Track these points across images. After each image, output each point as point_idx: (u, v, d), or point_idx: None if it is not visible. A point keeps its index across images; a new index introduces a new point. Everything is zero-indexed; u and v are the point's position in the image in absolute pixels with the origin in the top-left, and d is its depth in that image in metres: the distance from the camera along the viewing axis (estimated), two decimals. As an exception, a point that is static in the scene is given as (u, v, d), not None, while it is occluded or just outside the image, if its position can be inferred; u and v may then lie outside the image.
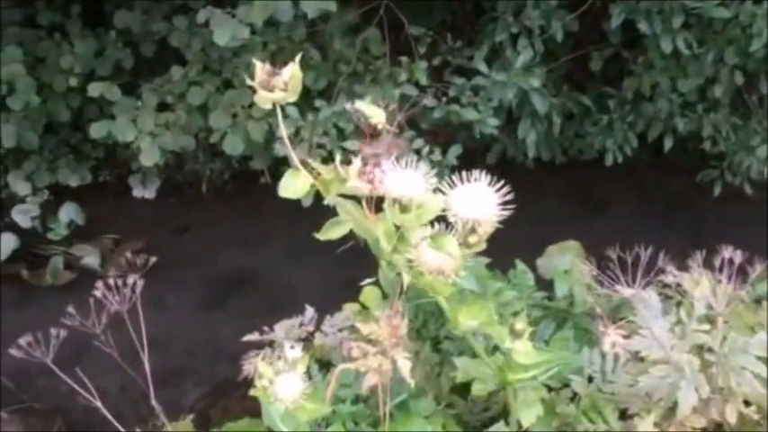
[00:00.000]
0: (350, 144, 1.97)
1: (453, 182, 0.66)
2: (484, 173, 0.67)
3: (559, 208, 2.59)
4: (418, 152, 2.02)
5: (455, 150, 2.09)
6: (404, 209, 0.70)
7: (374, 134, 0.85)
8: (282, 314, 1.41)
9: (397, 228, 0.73)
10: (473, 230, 0.67)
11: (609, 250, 1.03)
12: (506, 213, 0.67)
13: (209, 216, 2.66)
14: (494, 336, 0.77)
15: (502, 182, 0.67)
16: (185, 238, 2.56)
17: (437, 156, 2.05)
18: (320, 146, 2.00)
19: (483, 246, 0.69)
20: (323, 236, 0.83)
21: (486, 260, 1.24)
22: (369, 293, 1.35)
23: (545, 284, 1.51)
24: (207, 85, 2.33)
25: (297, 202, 1.89)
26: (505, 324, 0.99)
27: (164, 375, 1.92)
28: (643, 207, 2.57)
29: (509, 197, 0.66)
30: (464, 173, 0.67)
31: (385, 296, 1.37)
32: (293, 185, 0.78)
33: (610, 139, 2.50)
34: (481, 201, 0.66)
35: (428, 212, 0.69)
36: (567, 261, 1.59)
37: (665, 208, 2.56)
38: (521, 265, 1.51)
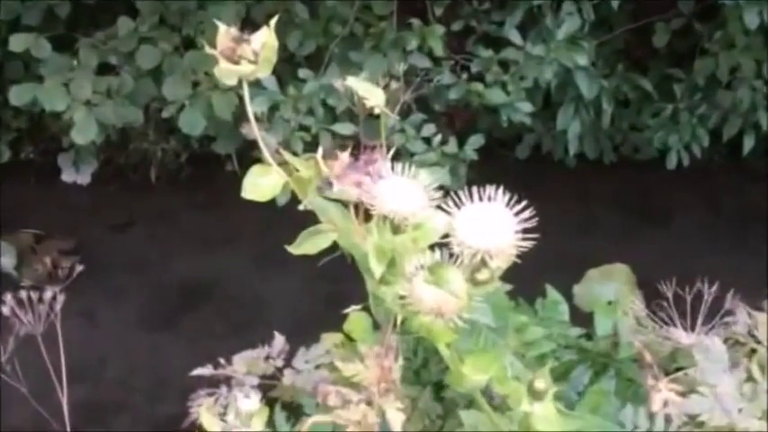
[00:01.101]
0: (341, 127, 1.97)
1: (460, 199, 0.66)
2: (501, 190, 0.66)
3: (606, 220, 2.59)
4: (428, 141, 2.02)
5: (475, 141, 2.08)
6: (396, 229, 0.69)
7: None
8: (245, 340, 1.41)
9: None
10: (483, 264, 0.67)
11: (666, 278, 1.02)
12: (527, 244, 0.66)
13: (158, 210, 2.66)
14: (508, 395, 0.76)
15: (524, 203, 0.66)
16: (127, 238, 2.56)
17: (452, 147, 2.05)
18: (304, 128, 1.99)
19: (495, 284, 0.68)
20: (297, 249, 0.82)
21: (507, 287, 1.23)
22: (355, 322, 1.34)
23: (582, 319, 1.51)
24: (162, 43, 2.32)
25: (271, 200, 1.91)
26: (529, 368, 0.98)
27: (89, 412, 1.92)
28: (712, 222, 2.56)
29: (532, 222, 0.65)
30: (474, 190, 0.66)
31: (376, 326, 1.38)
32: (261, 185, 0.78)
33: (674, 135, 2.48)
34: (496, 226, 0.65)
35: (427, 236, 0.68)
36: (611, 290, 1.59)
37: (740, 224, 2.55)
38: (552, 293, 1.51)
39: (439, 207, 0.68)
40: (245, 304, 2.31)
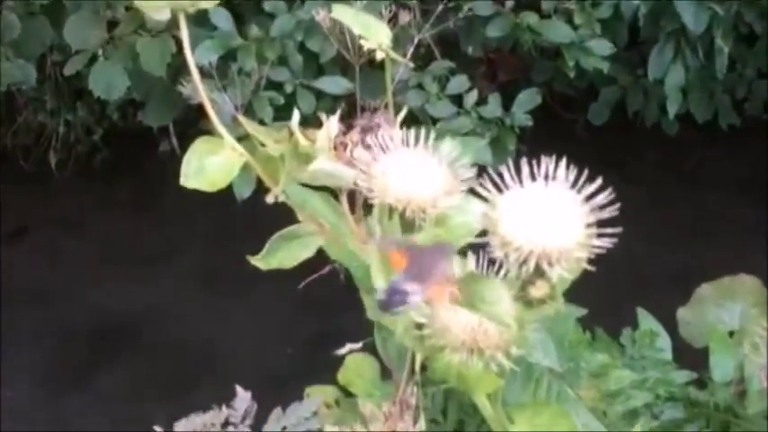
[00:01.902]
0: (328, 83, 1.98)
1: (503, 179, 0.65)
2: (564, 160, 0.66)
3: (725, 212, 2.59)
4: (458, 101, 2.02)
5: (528, 100, 2.08)
6: (408, 225, 0.70)
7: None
8: (192, 400, 1.41)
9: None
10: (539, 274, 0.66)
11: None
12: (606, 244, 0.66)
13: (61, 212, 2.68)
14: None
15: (598, 182, 0.66)
16: (15, 253, 2.57)
17: (493, 109, 2.05)
18: (274, 85, 2.00)
19: (559, 305, 0.68)
20: (265, 262, 0.83)
21: (578, 310, 1.24)
22: (355, 368, 1.36)
23: (692, 358, 1.51)
24: (62, -35, 2.33)
25: (227, 190, 1.93)
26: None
27: None
28: None
29: (613, 211, 0.65)
30: (524, 164, 0.66)
31: (385, 374, 1.39)
32: (209, 168, 0.79)
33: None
34: (557, 217, 0.65)
35: (455, 234, 0.69)
36: (735, 314, 1.59)
37: None
38: (647, 321, 1.52)
39: (473, 192, 0.68)
40: (191, 347, 2.32)
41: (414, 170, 0.69)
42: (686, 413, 1.31)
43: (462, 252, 0.71)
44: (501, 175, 0.65)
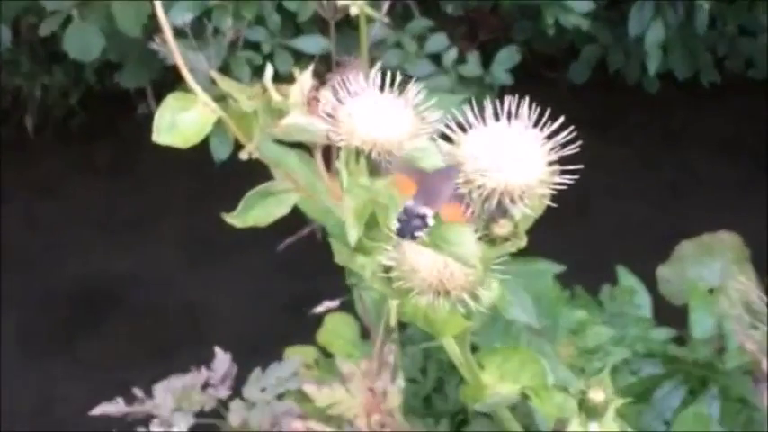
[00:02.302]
0: (307, 43, 1.97)
1: (467, 120, 0.66)
2: (526, 100, 0.67)
3: (705, 171, 2.61)
4: (437, 60, 2.02)
5: (508, 58, 2.08)
6: (375, 169, 0.70)
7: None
8: (172, 362, 1.43)
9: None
10: (503, 211, 0.68)
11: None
12: (567, 180, 0.67)
13: (39, 177, 2.67)
14: (549, 413, 0.78)
15: (559, 122, 0.67)
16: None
17: (472, 68, 2.05)
18: (251, 45, 1.99)
19: (522, 242, 0.69)
20: (240, 219, 0.84)
21: (557, 267, 1.25)
22: (334, 328, 1.37)
23: (671, 315, 1.53)
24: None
25: (205, 153, 1.92)
26: (585, 384, 0.99)
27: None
28: None
29: (575, 146, 0.66)
30: (487, 106, 0.67)
31: (364, 334, 1.40)
32: (182, 123, 0.79)
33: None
34: (518, 154, 0.66)
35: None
36: (715, 271, 1.60)
37: None
38: (626, 278, 1.54)
39: (442, 136, 0.69)
40: (172, 311, 2.33)
41: (379, 113, 0.70)
42: (664, 369, 1.32)
43: None
44: (465, 117, 0.67)
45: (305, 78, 0.78)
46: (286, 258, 1.98)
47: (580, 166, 0.66)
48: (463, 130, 0.66)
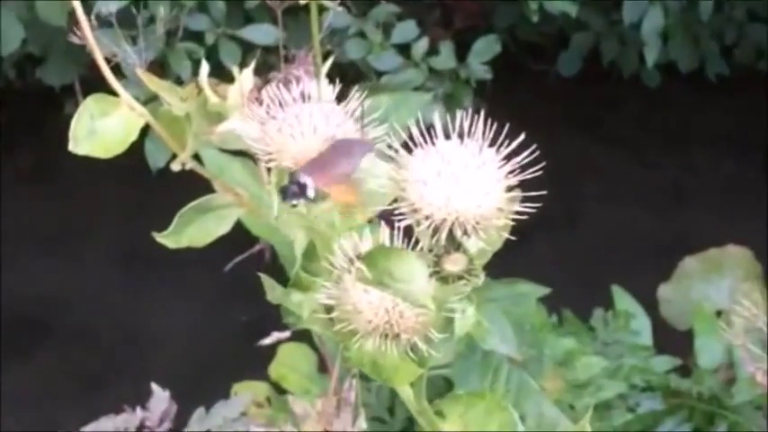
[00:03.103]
0: (255, 32, 1.96)
1: (412, 138, 0.65)
2: (481, 112, 0.66)
3: (714, 172, 2.61)
4: (405, 51, 2.01)
5: (487, 49, 2.08)
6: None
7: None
8: (102, 400, 1.41)
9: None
10: (455, 245, 0.66)
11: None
12: (530, 209, 0.66)
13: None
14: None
15: (520, 138, 0.66)
16: None
17: (446, 59, 2.04)
18: (192, 35, 1.98)
19: (478, 279, 0.68)
20: (173, 240, 0.83)
21: (541, 289, 1.24)
22: (287, 360, 1.36)
23: (674, 341, 1.52)
24: None
25: (142, 157, 1.90)
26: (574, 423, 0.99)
27: None
28: None
29: (538, 168, 0.65)
30: (436, 121, 0.66)
31: (322, 365, 1.39)
32: (101, 129, 0.77)
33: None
34: (471, 178, 0.64)
35: (363, 203, 0.68)
36: (723, 291, 1.60)
37: None
38: (623, 299, 1.53)
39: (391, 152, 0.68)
40: (106, 338, 2.31)
41: (314, 127, 0.69)
42: (666, 404, 1.32)
43: (373, 223, 0.71)
44: (411, 134, 0.65)
45: (245, 76, 0.77)
46: (237, 277, 1.96)
47: (543, 192, 0.64)
48: (408, 148, 0.65)
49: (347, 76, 2.10)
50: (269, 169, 0.82)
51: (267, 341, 1.10)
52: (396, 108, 1.00)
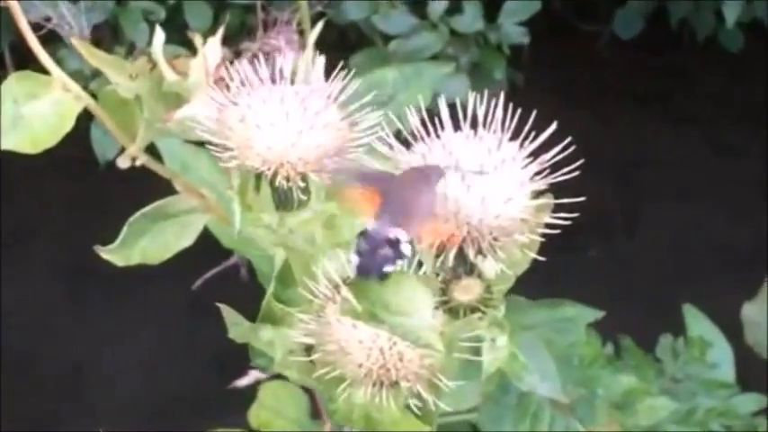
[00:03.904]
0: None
1: (412, 126, 0.64)
2: (491, 100, 0.64)
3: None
4: (420, 9, 2.00)
5: (523, 6, 2.06)
6: (284, 199, 0.69)
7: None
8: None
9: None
10: (467, 267, 0.65)
11: None
12: (564, 222, 0.64)
13: None
14: None
15: (549, 132, 0.64)
16: None
17: (471, 19, 2.03)
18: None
19: (498, 311, 0.67)
20: (120, 257, 0.83)
21: (593, 312, 1.23)
22: (271, 401, 1.36)
23: (762, 375, 1.51)
24: None
25: (88, 150, 1.90)
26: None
27: None
28: None
29: (575, 167, 0.63)
30: (442, 107, 0.64)
31: (314, 408, 1.39)
32: (30, 116, 0.77)
33: None
34: (486, 182, 0.62)
35: (351, 212, 0.68)
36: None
37: None
38: (696, 321, 1.52)
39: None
40: (47, 370, 2.31)
41: (288, 116, 0.67)
42: (753, 456, 1.32)
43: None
44: (411, 126, 0.64)
45: (211, 48, 0.76)
46: (209, 295, 1.95)
47: (580, 199, 0.62)
48: (406, 143, 0.64)
49: (347, 43, 2.10)
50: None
51: (244, 381, 1.09)
52: (406, 84, 0.99)
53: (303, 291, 0.70)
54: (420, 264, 0.66)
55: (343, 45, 2.09)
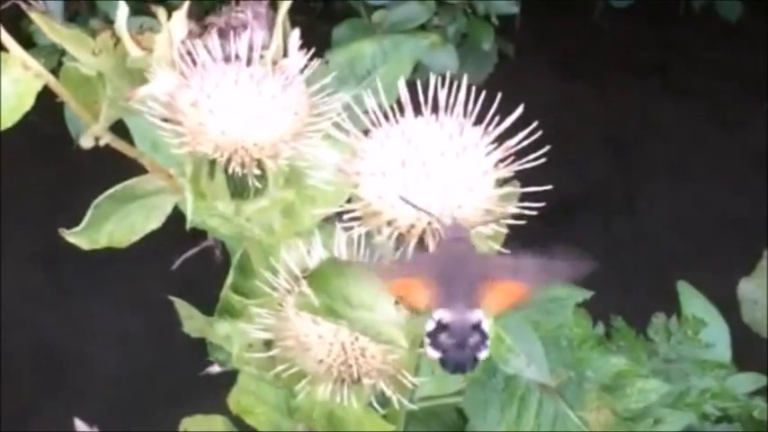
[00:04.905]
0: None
1: (369, 111, 0.63)
2: (466, 86, 0.63)
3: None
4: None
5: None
6: (240, 187, 0.68)
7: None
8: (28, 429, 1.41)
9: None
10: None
11: None
12: (533, 211, 0.63)
13: None
14: None
15: (516, 114, 0.63)
16: None
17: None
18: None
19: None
20: (86, 239, 0.83)
21: (582, 292, 1.23)
22: (250, 384, 1.35)
23: (760, 354, 1.51)
24: None
25: (63, 132, 1.90)
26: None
27: None
28: None
29: (543, 153, 0.62)
30: (401, 88, 0.63)
31: (293, 405, 1.38)
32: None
33: None
34: (447, 170, 0.61)
35: (311, 201, 0.67)
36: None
37: None
38: (691, 299, 1.51)
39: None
40: (25, 358, 2.31)
41: (243, 99, 0.67)
42: (752, 445, 1.31)
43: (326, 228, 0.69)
44: (370, 109, 0.63)
45: (176, 22, 0.75)
46: (189, 276, 1.95)
47: (548, 188, 0.61)
48: (364, 130, 0.63)
49: (330, 15, 2.09)
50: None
51: (216, 369, 1.09)
52: (384, 57, 0.98)
53: (261, 283, 0.69)
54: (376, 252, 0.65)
55: (328, 16, 2.08)
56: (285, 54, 0.76)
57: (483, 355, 0.60)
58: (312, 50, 0.71)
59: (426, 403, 1.29)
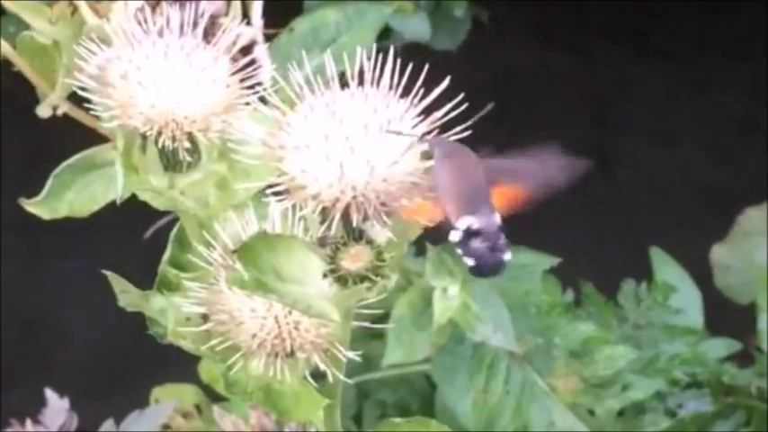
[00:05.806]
0: None
1: (300, 88, 0.63)
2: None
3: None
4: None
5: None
6: (172, 161, 0.69)
7: None
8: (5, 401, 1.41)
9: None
10: (355, 234, 0.64)
11: None
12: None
13: None
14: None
15: (443, 86, 0.63)
16: None
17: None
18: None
19: (389, 281, 0.65)
20: (47, 209, 0.82)
21: (549, 259, 1.24)
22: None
23: (732, 320, 1.52)
24: None
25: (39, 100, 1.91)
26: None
27: None
28: None
29: (464, 128, 0.62)
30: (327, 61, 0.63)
31: (230, 379, 1.38)
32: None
33: None
34: (366, 142, 0.61)
35: (244, 176, 0.67)
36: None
37: None
38: (663, 264, 1.52)
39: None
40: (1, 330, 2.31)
41: (172, 71, 0.67)
42: (717, 405, 1.31)
43: (259, 202, 0.68)
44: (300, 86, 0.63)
45: (132, -10, 0.76)
46: (159, 248, 1.95)
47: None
48: (290, 101, 0.62)
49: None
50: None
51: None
52: (349, 24, 0.98)
53: (195, 257, 0.69)
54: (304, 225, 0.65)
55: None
56: (249, 23, 0.76)
57: (509, 256, 0.59)
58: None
59: (396, 371, 1.30)
